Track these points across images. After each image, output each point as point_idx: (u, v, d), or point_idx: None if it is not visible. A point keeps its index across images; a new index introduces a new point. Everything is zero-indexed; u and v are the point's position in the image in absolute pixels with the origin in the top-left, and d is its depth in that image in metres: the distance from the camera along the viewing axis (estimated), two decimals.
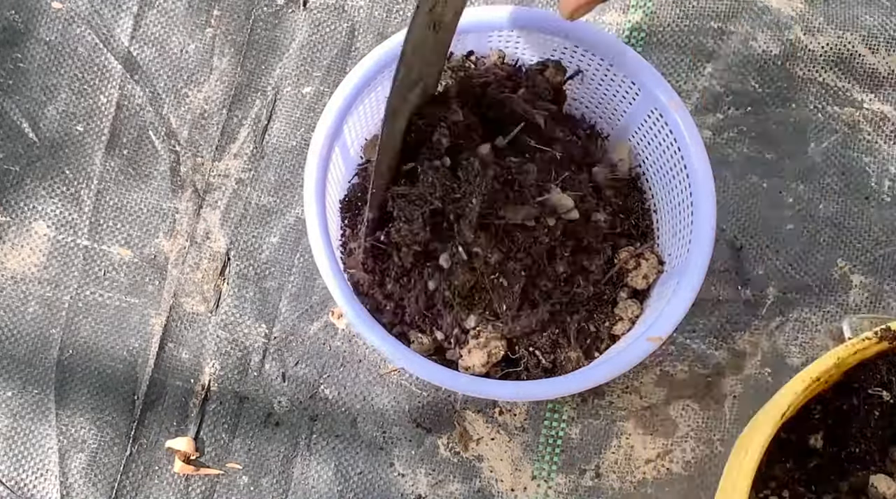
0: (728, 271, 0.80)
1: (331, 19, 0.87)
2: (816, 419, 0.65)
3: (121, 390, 0.80)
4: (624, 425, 0.78)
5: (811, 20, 0.85)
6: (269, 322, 0.81)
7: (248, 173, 0.84)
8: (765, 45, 0.85)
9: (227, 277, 0.82)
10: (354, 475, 0.78)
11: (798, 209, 0.82)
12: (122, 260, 0.82)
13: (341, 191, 0.76)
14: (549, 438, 0.78)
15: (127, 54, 0.86)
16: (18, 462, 0.79)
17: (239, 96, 0.85)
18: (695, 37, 0.85)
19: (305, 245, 0.82)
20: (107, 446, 0.79)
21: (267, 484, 0.78)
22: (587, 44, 0.73)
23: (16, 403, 0.79)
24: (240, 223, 0.83)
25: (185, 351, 0.80)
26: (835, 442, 0.65)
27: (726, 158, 0.82)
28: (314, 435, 0.79)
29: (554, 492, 0.77)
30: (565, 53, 0.75)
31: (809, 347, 0.79)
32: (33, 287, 0.82)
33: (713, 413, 0.78)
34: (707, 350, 0.79)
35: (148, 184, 0.84)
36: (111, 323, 0.81)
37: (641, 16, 0.86)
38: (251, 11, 0.87)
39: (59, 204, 0.83)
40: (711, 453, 0.78)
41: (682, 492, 0.77)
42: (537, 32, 0.74)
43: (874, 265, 0.80)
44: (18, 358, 0.80)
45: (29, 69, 0.86)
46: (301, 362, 0.80)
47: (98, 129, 0.85)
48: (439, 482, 0.78)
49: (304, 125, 0.84)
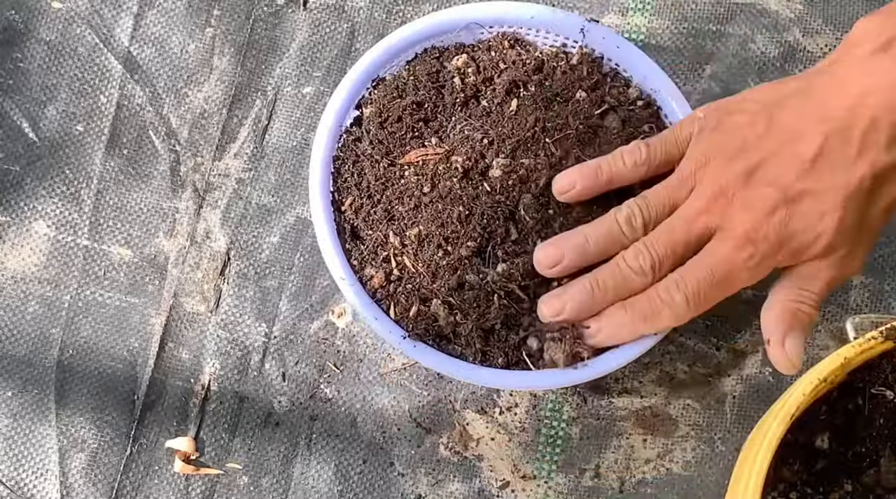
0: None
1: (331, 19, 0.87)
2: (822, 420, 0.65)
3: (121, 389, 0.80)
4: (624, 425, 0.78)
5: (810, 22, 0.86)
6: (270, 322, 0.81)
7: (249, 173, 0.84)
8: (763, 47, 0.85)
9: (227, 276, 0.82)
10: (354, 475, 0.78)
11: None
12: (122, 260, 0.82)
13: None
14: (549, 437, 0.78)
15: (127, 54, 0.86)
16: (18, 462, 0.78)
17: (239, 96, 0.85)
18: (693, 39, 0.86)
19: (306, 245, 0.82)
20: (107, 446, 0.79)
21: (267, 484, 0.78)
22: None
23: (16, 403, 0.79)
24: (240, 223, 0.83)
25: (185, 351, 0.80)
26: (841, 442, 0.65)
27: None
28: (314, 435, 0.79)
29: (554, 492, 0.77)
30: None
31: (810, 346, 0.79)
32: (33, 287, 0.82)
33: (713, 413, 0.78)
34: (707, 350, 0.79)
35: (148, 184, 0.84)
36: (111, 323, 0.81)
37: (640, 18, 0.86)
38: (251, 11, 0.87)
39: (59, 204, 0.83)
40: (712, 452, 0.78)
41: (682, 492, 0.77)
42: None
43: (874, 265, 0.81)
44: (18, 358, 0.80)
45: (29, 69, 0.86)
46: (301, 362, 0.80)
47: (98, 129, 0.85)
48: (439, 482, 0.78)
49: (304, 125, 0.85)
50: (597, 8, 0.86)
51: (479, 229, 0.72)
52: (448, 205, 0.72)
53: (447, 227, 0.72)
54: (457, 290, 0.71)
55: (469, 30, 0.79)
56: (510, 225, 0.73)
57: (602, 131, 0.76)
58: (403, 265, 0.73)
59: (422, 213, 0.73)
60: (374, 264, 0.74)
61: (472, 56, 0.78)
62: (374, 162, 0.75)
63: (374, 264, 0.74)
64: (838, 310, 0.80)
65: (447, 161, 0.74)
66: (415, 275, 0.72)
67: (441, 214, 0.72)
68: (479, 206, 0.72)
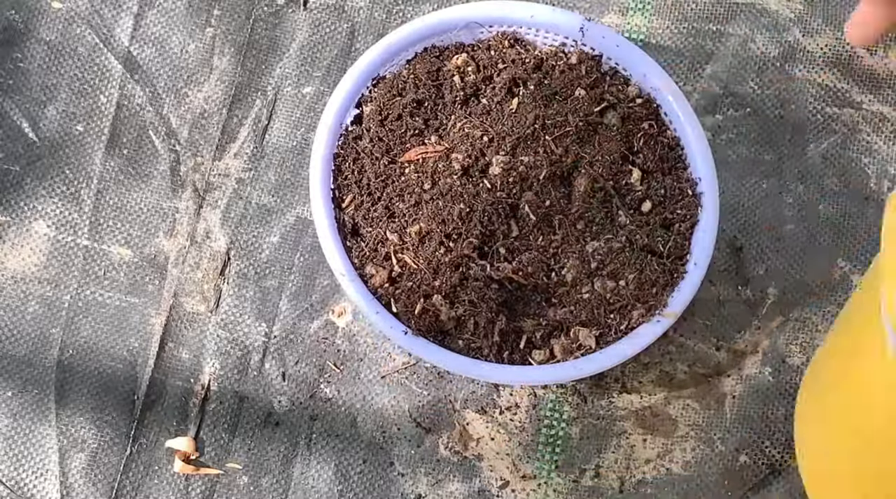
0: (728, 271, 0.81)
1: (331, 20, 0.87)
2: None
3: (121, 389, 0.80)
4: (624, 425, 0.78)
5: (810, 21, 0.86)
6: (270, 321, 0.81)
7: (249, 173, 0.84)
8: (763, 47, 0.85)
9: (227, 276, 0.82)
10: (354, 475, 0.78)
11: (798, 210, 0.82)
12: (122, 260, 0.82)
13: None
14: (548, 437, 0.78)
15: (127, 54, 0.86)
16: (18, 462, 0.78)
17: (239, 96, 0.85)
18: (693, 39, 0.86)
19: (305, 244, 0.82)
20: (107, 446, 0.79)
21: (267, 484, 0.78)
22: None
23: (16, 403, 0.79)
24: (240, 223, 0.83)
25: (185, 351, 0.80)
26: None
27: (726, 159, 0.83)
28: (314, 435, 0.79)
29: (553, 492, 0.77)
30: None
31: (810, 347, 0.79)
32: (33, 287, 0.82)
33: (713, 413, 0.78)
34: (707, 350, 0.79)
35: (148, 183, 0.84)
36: (111, 323, 0.81)
37: (640, 18, 0.86)
38: (251, 11, 0.87)
39: (59, 204, 0.83)
40: (711, 452, 0.78)
41: (682, 492, 0.77)
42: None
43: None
44: (18, 358, 0.80)
45: (29, 69, 0.86)
46: (301, 361, 0.80)
47: (98, 129, 0.85)
48: (439, 482, 0.78)
49: (304, 125, 0.85)
50: (597, 8, 0.86)
51: (480, 227, 0.72)
52: (449, 202, 0.72)
53: (448, 224, 0.72)
54: (458, 286, 0.71)
55: (469, 29, 0.79)
56: (511, 222, 0.73)
57: (601, 128, 0.76)
58: (404, 262, 0.73)
59: (422, 210, 0.73)
60: (375, 262, 0.74)
61: (472, 55, 0.79)
62: (375, 159, 0.76)
63: (375, 262, 0.74)
64: (837, 310, 0.80)
65: (447, 159, 0.74)
66: (416, 272, 0.73)
67: (442, 211, 0.72)
68: (479, 203, 0.72)
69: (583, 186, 0.74)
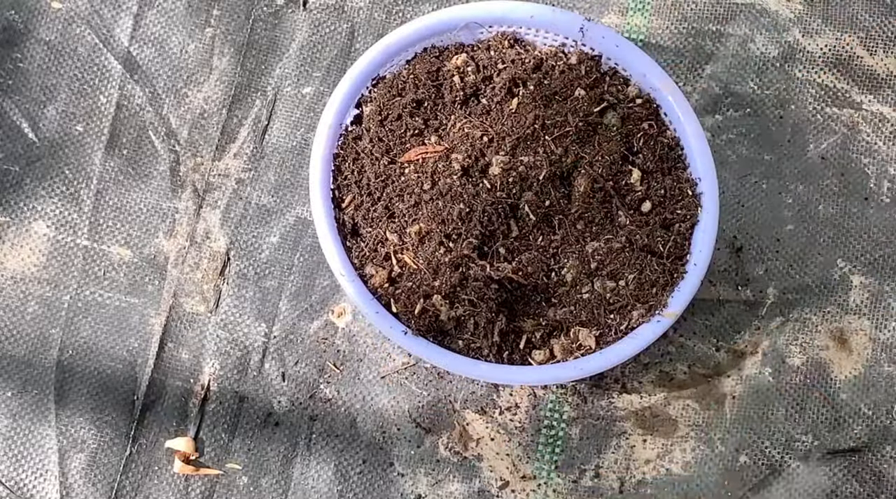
0: (728, 271, 0.81)
1: (331, 20, 0.87)
2: None
3: (120, 390, 0.80)
4: (624, 425, 0.78)
5: (809, 22, 0.86)
6: (269, 322, 0.81)
7: (248, 173, 0.84)
8: (763, 47, 0.85)
9: (226, 276, 0.82)
10: (354, 475, 0.78)
11: (798, 210, 0.82)
12: (122, 260, 0.82)
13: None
14: (548, 438, 0.78)
15: (127, 54, 0.86)
16: (18, 462, 0.78)
17: (239, 96, 0.85)
18: (693, 39, 0.86)
19: (305, 245, 0.82)
20: (107, 446, 0.79)
21: (267, 484, 0.78)
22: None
23: (16, 403, 0.79)
24: (240, 223, 0.83)
25: (185, 351, 0.80)
26: None
27: (726, 159, 0.83)
28: (314, 435, 0.79)
29: (553, 492, 0.77)
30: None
31: (809, 347, 0.79)
32: (33, 287, 0.82)
33: (713, 413, 0.78)
34: (707, 350, 0.79)
35: (148, 184, 0.84)
36: (111, 323, 0.81)
37: (640, 18, 0.86)
38: (251, 11, 0.87)
39: (59, 204, 0.83)
40: (711, 453, 0.78)
41: (682, 492, 0.77)
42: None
43: (874, 266, 0.81)
44: (18, 358, 0.80)
45: (29, 69, 0.86)
46: (301, 362, 0.80)
47: (98, 129, 0.85)
48: (439, 482, 0.78)
49: (303, 125, 0.85)
50: (597, 8, 0.86)
51: (480, 227, 0.72)
52: (448, 202, 0.72)
53: (448, 224, 0.72)
54: (458, 286, 0.71)
55: (468, 29, 0.79)
56: (511, 222, 0.73)
57: (601, 129, 0.76)
58: (404, 262, 0.73)
59: (422, 210, 0.73)
60: (375, 262, 0.74)
61: (472, 55, 0.79)
62: (375, 160, 0.76)
63: (375, 262, 0.74)
64: (837, 310, 0.80)
65: (447, 159, 0.74)
66: (416, 272, 0.73)
67: (441, 211, 0.72)
68: (479, 203, 0.72)
69: (583, 186, 0.74)
